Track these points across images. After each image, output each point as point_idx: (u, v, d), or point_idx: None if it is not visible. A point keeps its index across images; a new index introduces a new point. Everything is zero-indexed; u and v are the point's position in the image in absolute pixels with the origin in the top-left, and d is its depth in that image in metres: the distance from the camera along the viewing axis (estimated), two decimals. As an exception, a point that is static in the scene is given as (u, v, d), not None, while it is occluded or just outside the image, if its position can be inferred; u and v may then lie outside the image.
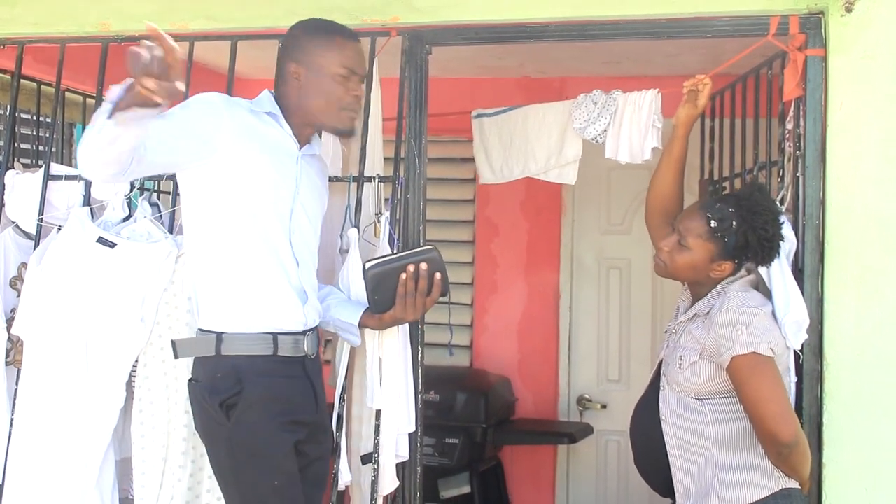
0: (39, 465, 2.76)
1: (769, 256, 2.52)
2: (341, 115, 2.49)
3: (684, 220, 2.57)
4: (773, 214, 2.53)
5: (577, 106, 3.09)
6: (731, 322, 2.41)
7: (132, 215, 2.89)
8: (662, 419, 2.54)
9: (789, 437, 2.35)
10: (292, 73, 2.46)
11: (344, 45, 2.48)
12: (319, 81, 2.45)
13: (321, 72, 2.45)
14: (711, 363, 2.46)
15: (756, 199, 2.53)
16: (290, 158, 2.47)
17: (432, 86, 2.93)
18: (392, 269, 2.47)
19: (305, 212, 2.50)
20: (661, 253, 2.60)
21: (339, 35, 2.49)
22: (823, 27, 2.64)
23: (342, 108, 2.48)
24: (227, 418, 2.34)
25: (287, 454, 2.37)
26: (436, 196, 3.80)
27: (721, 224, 2.49)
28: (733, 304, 2.45)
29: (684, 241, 2.54)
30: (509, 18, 2.85)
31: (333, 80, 2.45)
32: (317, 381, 2.51)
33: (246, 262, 2.39)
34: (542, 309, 4.62)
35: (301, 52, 2.47)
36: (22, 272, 2.96)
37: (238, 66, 3.03)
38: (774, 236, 2.51)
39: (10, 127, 3.31)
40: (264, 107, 2.46)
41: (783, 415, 2.36)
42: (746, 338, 2.38)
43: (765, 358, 2.39)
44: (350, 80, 2.47)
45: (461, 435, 4.07)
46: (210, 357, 2.39)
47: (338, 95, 2.46)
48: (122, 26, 3.06)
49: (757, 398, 2.37)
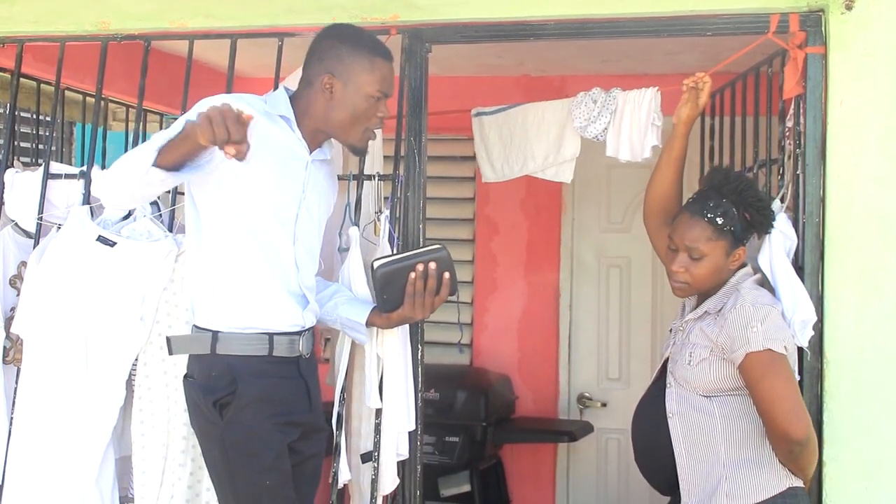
0: (39, 464, 2.76)
1: (769, 222, 2.55)
2: (363, 135, 2.48)
3: (685, 234, 2.52)
4: (752, 182, 2.61)
5: (576, 105, 3.09)
6: (747, 319, 2.41)
7: (132, 214, 2.88)
8: (669, 417, 2.54)
9: (802, 435, 2.34)
10: (325, 83, 2.43)
11: (384, 67, 2.46)
12: (352, 99, 2.43)
13: (357, 90, 2.42)
14: (722, 360, 2.46)
15: (731, 179, 2.54)
16: (299, 164, 2.46)
17: (432, 84, 2.93)
18: (401, 268, 2.46)
19: (311, 217, 2.50)
20: (679, 275, 2.54)
21: (381, 57, 2.46)
22: (824, 25, 2.64)
23: (366, 129, 2.48)
24: (220, 417, 2.34)
25: (280, 454, 2.37)
26: (436, 194, 3.79)
27: (725, 217, 2.49)
28: (747, 300, 2.44)
29: (696, 253, 2.51)
30: (509, 16, 2.84)
31: (367, 100, 2.44)
32: (311, 381, 2.51)
33: (245, 266, 2.38)
34: (542, 307, 4.62)
35: (339, 64, 2.43)
36: (21, 271, 2.96)
37: (238, 64, 3.03)
38: (763, 199, 2.56)
39: (10, 125, 3.31)
40: (279, 109, 2.43)
41: (796, 412, 2.36)
42: (762, 335, 2.38)
43: (779, 355, 2.39)
44: (381, 102, 2.47)
45: (461, 433, 4.07)
46: (205, 355, 2.39)
47: (367, 115, 2.45)
48: (121, 25, 3.06)
49: (771, 395, 2.36)
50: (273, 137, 2.40)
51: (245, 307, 2.38)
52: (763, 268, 2.59)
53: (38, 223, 2.95)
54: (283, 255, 2.42)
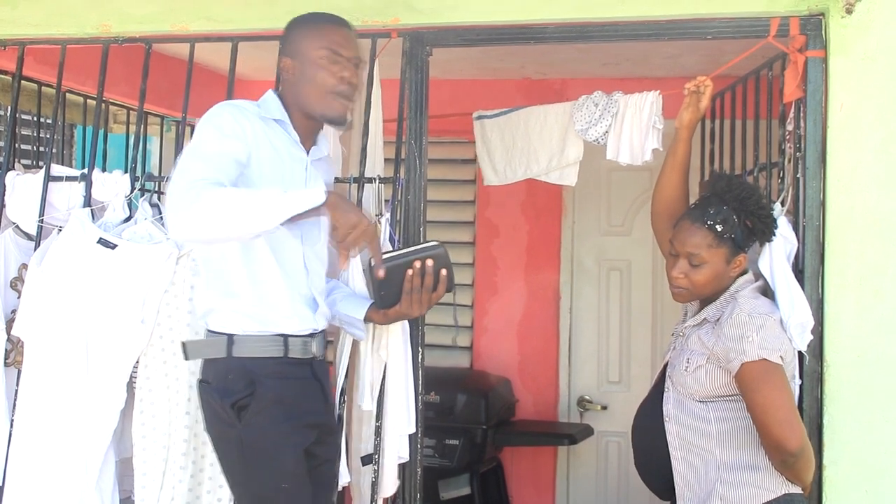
0: (40, 466, 2.76)
1: (771, 230, 2.53)
2: (331, 102, 2.41)
3: (685, 240, 2.52)
4: (755, 190, 2.58)
5: (577, 108, 3.09)
6: (742, 329, 2.41)
7: (133, 216, 2.89)
8: (666, 420, 2.54)
9: (796, 445, 2.34)
10: (283, 67, 2.45)
11: (326, 28, 2.45)
12: (305, 68, 2.41)
13: (305, 58, 2.41)
14: (718, 368, 2.46)
15: (734, 186, 2.54)
16: (299, 166, 2.46)
17: (432, 87, 2.93)
18: (398, 265, 2.47)
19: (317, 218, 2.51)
20: (678, 281, 2.55)
21: (323, 21, 2.47)
22: (824, 29, 2.65)
23: (329, 93, 2.40)
24: (238, 419, 2.33)
25: (297, 457, 2.36)
26: (436, 197, 3.80)
27: (725, 225, 2.49)
28: (744, 310, 2.44)
29: (696, 260, 2.51)
30: (509, 20, 2.85)
31: (317, 63, 2.40)
32: (325, 383, 2.51)
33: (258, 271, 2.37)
34: (543, 310, 4.62)
35: (289, 44, 2.46)
36: (22, 273, 2.96)
37: (239, 67, 3.03)
38: (766, 207, 2.54)
39: (11, 128, 3.31)
40: (273, 113, 2.43)
41: (790, 423, 2.36)
42: (757, 345, 2.38)
43: (774, 365, 2.39)
44: (336, 63, 2.41)
45: (461, 436, 4.07)
46: (221, 358, 2.39)
47: (323, 79, 2.40)
48: (122, 28, 3.06)
49: (765, 405, 2.36)
50: (272, 143, 2.39)
51: (259, 312, 2.38)
52: (763, 271, 2.59)
53: (39, 225, 2.96)
54: (293, 258, 2.42)
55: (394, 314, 2.54)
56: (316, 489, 2.43)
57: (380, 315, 2.56)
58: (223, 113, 2.34)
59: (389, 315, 2.54)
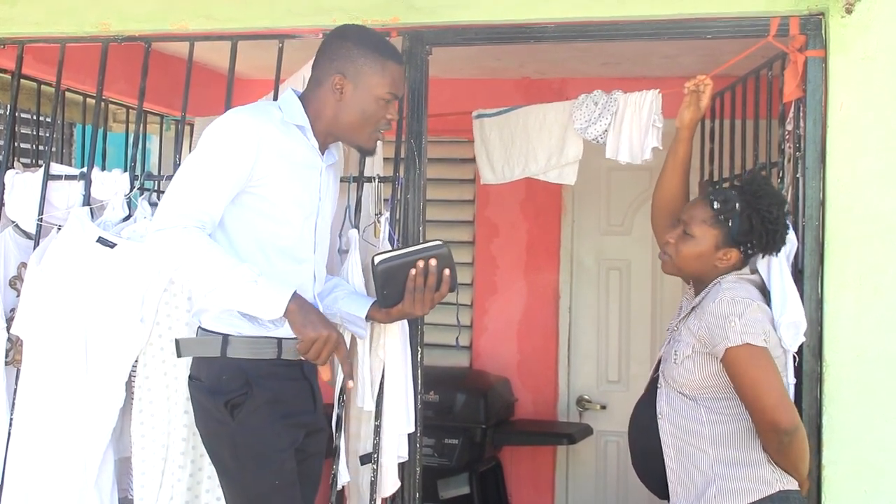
0: (39, 465, 2.76)
1: (774, 242, 2.51)
2: (371, 136, 2.49)
3: (689, 208, 2.58)
4: (778, 199, 2.53)
5: (577, 106, 3.09)
6: (725, 313, 2.41)
7: (132, 215, 2.89)
8: (659, 418, 2.54)
9: (789, 423, 2.35)
10: (335, 84, 2.42)
11: (395, 70, 2.47)
12: (362, 100, 2.43)
13: (367, 91, 2.43)
14: (705, 355, 2.46)
15: (759, 184, 2.54)
16: (314, 172, 2.46)
17: (432, 86, 2.93)
18: (402, 263, 2.46)
19: (325, 222, 2.53)
20: (667, 247, 2.59)
21: (392, 59, 2.47)
22: (824, 28, 2.65)
23: (374, 130, 2.48)
24: (231, 417, 2.34)
25: (289, 455, 2.39)
26: (436, 196, 3.79)
27: (724, 206, 2.48)
28: (726, 295, 2.44)
29: (689, 230, 2.53)
30: (509, 19, 2.85)
31: (376, 102, 2.44)
32: (314, 382, 2.52)
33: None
34: (542, 309, 4.62)
35: (351, 65, 2.42)
36: (22, 272, 2.96)
37: (238, 65, 3.02)
38: (779, 219, 2.50)
39: (10, 126, 3.31)
40: (295, 119, 2.42)
41: (782, 402, 2.37)
42: (740, 329, 2.39)
43: (759, 348, 2.39)
44: (391, 104, 2.47)
45: (461, 435, 4.07)
46: (215, 358, 2.39)
47: (376, 117, 2.46)
48: (122, 26, 3.06)
49: (755, 388, 2.37)
50: (290, 151, 2.39)
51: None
52: (760, 269, 2.59)
53: (39, 224, 2.95)
54: (304, 267, 2.44)
55: (396, 313, 2.53)
56: (303, 484, 2.45)
57: (382, 314, 2.55)
58: (236, 126, 2.33)
59: (392, 314, 2.54)
